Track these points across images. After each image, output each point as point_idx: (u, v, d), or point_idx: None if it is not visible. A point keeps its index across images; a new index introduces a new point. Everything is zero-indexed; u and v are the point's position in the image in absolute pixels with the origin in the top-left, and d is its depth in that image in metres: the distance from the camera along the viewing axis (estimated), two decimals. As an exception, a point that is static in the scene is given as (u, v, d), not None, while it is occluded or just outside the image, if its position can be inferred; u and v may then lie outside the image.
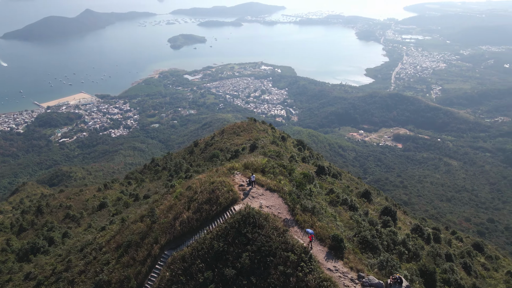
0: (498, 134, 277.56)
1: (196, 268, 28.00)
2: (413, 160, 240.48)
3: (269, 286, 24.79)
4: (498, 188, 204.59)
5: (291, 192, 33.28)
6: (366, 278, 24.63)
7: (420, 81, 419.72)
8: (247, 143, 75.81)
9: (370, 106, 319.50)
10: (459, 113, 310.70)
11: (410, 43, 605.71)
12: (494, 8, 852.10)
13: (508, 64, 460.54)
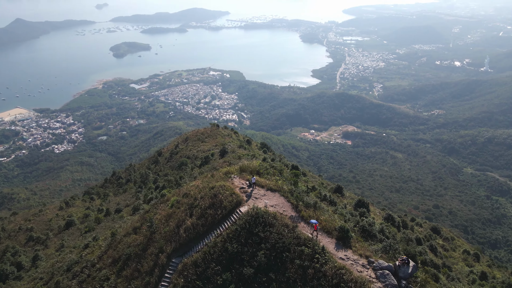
0: (435, 126, 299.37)
1: (212, 271, 28.70)
2: (363, 155, 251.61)
3: (288, 280, 25.84)
4: (439, 176, 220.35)
5: (291, 190, 34.89)
6: (376, 263, 26.23)
7: (363, 80, 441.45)
8: (215, 149, 75.88)
9: (319, 106, 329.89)
10: (400, 108, 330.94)
11: (351, 44, 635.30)
12: (423, 9, 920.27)
13: (439, 61, 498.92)
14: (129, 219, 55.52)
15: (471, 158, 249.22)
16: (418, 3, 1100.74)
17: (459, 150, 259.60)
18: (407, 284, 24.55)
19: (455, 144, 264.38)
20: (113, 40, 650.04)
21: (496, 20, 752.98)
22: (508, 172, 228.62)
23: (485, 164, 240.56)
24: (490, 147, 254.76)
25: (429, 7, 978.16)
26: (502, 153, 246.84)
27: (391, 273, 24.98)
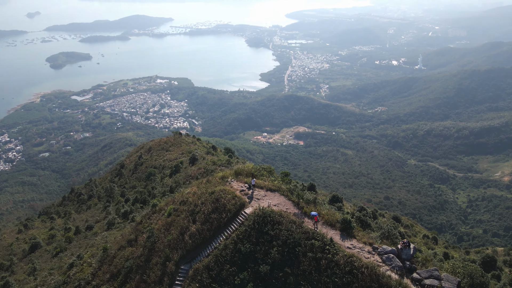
0: (380, 122, 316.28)
1: (227, 273, 29.50)
2: (315, 154, 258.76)
3: (304, 272, 27.28)
4: (387, 169, 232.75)
5: (291, 189, 36.53)
6: (381, 248, 28.33)
7: (310, 81, 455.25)
8: (182, 157, 74.69)
9: (269, 109, 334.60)
10: (347, 107, 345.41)
11: (296, 47, 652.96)
12: (360, 13, 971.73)
13: (378, 60, 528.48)
14: (111, 233, 52.97)
15: (413, 150, 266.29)
16: (355, 7, 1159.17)
17: (402, 143, 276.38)
18: (410, 264, 26.65)
19: (398, 138, 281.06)
20: (49, 50, 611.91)
21: (425, 21, 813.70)
22: (446, 161, 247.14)
23: (426, 155, 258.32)
24: (429, 139, 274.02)
25: (365, 10, 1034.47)
26: (440, 144, 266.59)
27: (395, 256, 27.17)
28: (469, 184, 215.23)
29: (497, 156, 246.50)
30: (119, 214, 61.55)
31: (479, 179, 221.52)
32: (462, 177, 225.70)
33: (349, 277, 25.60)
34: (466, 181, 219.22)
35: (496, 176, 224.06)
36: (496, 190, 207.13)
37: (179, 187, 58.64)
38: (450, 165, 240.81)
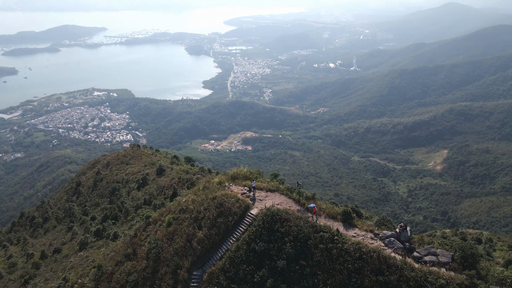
0: (323, 123, 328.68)
1: (244, 272, 30.52)
2: (264, 158, 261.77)
3: (318, 263, 29.09)
4: (333, 167, 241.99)
5: (289, 188, 38.43)
6: (382, 234, 30.97)
7: (253, 87, 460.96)
8: (146, 169, 72.61)
9: (215, 116, 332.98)
10: (291, 110, 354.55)
11: (237, 54, 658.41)
12: (296, 18, 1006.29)
13: (316, 63, 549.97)
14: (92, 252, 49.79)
15: (356, 147, 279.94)
16: (290, 13, 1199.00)
17: (345, 141, 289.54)
18: (409, 245, 29.43)
19: (341, 136, 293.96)
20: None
21: (356, 25, 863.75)
22: (385, 156, 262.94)
23: (367, 151, 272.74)
24: (369, 135, 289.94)
25: (300, 16, 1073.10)
26: (379, 139, 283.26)
27: (396, 239, 29.93)
28: (407, 175, 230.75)
29: (429, 148, 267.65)
30: (90, 233, 58.02)
31: (416, 169, 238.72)
32: (401, 169, 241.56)
33: (360, 262, 27.81)
34: (404, 173, 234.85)
35: (430, 166, 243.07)
36: (431, 178, 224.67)
37: (154, 199, 57.05)
38: (390, 159, 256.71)
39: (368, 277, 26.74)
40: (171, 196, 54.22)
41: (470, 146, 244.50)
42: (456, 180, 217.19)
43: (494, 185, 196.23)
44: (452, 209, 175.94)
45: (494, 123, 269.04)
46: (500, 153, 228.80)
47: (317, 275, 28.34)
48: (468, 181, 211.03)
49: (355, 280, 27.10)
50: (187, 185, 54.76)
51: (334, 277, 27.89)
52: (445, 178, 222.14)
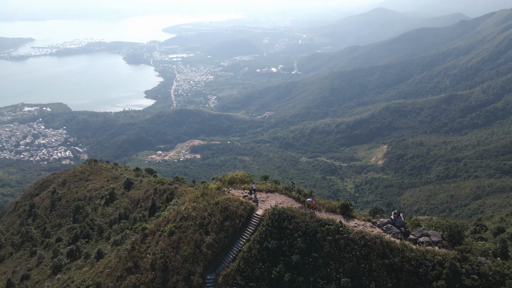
0: (270, 126, 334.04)
1: (260, 270, 31.90)
2: (214, 165, 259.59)
3: (329, 253, 31.05)
4: (283, 169, 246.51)
5: (287, 187, 40.29)
6: (379, 221, 33.61)
7: (197, 94, 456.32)
8: (110, 183, 69.75)
9: (160, 126, 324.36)
10: (237, 115, 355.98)
11: (178, 61, 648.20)
12: (235, 25, 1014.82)
13: (259, 68, 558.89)
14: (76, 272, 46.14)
15: (303, 148, 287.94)
16: (229, 19, 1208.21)
17: (293, 143, 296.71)
18: (404, 229, 32.36)
19: (288, 139, 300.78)
20: None
21: (294, 30, 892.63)
22: (332, 154, 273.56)
23: (314, 151, 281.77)
24: (314, 136, 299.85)
25: (239, 23, 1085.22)
26: (324, 139, 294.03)
27: (392, 225, 32.83)
28: (353, 172, 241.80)
29: (370, 144, 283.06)
30: (63, 255, 53.98)
31: (360, 166, 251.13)
32: (347, 166, 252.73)
33: (366, 249, 30.26)
34: (350, 170, 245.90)
35: (372, 161, 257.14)
36: (375, 173, 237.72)
37: (130, 213, 54.83)
38: (336, 157, 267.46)
39: (375, 261, 29.46)
40: (150, 208, 52.75)
41: (406, 140, 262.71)
42: (397, 172, 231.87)
43: (430, 174, 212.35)
44: (395, 200, 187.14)
45: (425, 117, 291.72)
46: (432, 145, 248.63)
47: (329, 265, 30.58)
48: (407, 173, 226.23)
49: (364, 265, 29.64)
50: (166, 196, 53.40)
51: (344, 265, 30.29)
52: (387, 172, 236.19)
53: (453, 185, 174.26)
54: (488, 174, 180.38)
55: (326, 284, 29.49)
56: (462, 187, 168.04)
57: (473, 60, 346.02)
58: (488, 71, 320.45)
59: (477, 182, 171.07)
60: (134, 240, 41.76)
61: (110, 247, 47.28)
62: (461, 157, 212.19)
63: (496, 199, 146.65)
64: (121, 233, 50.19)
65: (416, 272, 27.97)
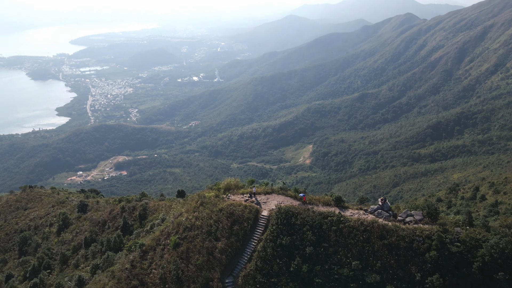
0: (197, 136, 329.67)
1: (279, 266, 33.78)
2: (143, 180, 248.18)
3: (337, 242, 33.76)
4: (216, 177, 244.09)
5: (282, 188, 42.38)
6: (370, 208, 36.76)
7: (117, 108, 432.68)
8: (56, 209, 64.92)
9: (79, 145, 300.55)
10: (162, 127, 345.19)
11: (92, 75, 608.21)
12: (151, 34, 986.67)
13: (180, 78, 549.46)
14: None
15: (233, 154, 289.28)
16: (144, 29, 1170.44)
17: (222, 150, 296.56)
18: (392, 212, 35.76)
19: (217, 146, 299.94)
20: None
21: (212, 38, 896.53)
22: (261, 158, 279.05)
23: (244, 157, 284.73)
24: (243, 142, 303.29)
25: (155, 32, 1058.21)
26: (253, 144, 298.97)
27: (382, 210, 36.10)
28: (283, 173, 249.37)
29: (297, 145, 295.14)
30: None
31: (289, 166, 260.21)
32: (277, 168, 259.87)
33: (366, 233, 33.27)
34: (280, 171, 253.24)
35: (300, 161, 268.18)
36: (304, 172, 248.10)
37: (98, 235, 51.85)
38: (265, 161, 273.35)
39: (376, 243, 32.74)
40: (122, 227, 50.13)
41: (329, 139, 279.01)
42: (324, 169, 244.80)
43: (353, 168, 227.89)
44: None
45: (343, 116, 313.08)
46: (352, 140, 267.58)
47: (339, 252, 33.35)
48: (333, 169, 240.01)
49: (367, 248, 32.81)
50: (138, 212, 51.14)
51: (351, 250, 33.20)
52: (315, 170, 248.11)
53: (375, 176, 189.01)
54: (402, 163, 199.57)
55: (339, 269, 32.35)
56: (382, 176, 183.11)
57: (378, 61, 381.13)
58: (391, 71, 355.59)
59: (394, 171, 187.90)
60: (132, 258, 40.27)
61: (90, 273, 44.26)
62: (378, 149, 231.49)
63: (411, 184, 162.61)
64: (96, 257, 47.16)
65: (411, 247, 31.70)
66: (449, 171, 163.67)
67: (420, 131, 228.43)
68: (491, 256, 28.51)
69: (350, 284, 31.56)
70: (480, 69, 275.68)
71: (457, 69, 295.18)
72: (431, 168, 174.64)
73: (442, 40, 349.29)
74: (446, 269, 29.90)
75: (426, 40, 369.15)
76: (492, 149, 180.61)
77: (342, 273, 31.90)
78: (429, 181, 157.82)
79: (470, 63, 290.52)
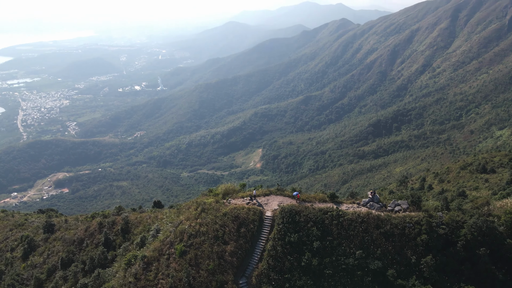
0: (143, 146, 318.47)
1: (290, 262, 35.27)
2: (88, 197, 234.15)
3: (339, 234, 35.90)
4: (166, 187, 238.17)
5: (278, 189, 44.05)
6: (362, 201, 39.58)
7: (53, 122, 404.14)
8: (16, 233, 61.17)
9: (11, 164, 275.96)
10: (105, 140, 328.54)
11: (21, 88, 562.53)
12: (86, 43, 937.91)
13: (121, 88, 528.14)
14: None
15: (182, 163, 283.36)
16: (78, 37, 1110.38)
17: (171, 160, 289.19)
18: (381, 203, 38.70)
19: (165, 156, 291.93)
20: None
21: (152, 46, 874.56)
22: (212, 165, 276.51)
23: (194, 165, 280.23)
24: (191, 150, 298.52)
25: (90, 41, 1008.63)
26: (202, 151, 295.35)
27: (372, 202, 38.93)
28: (235, 178, 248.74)
29: (246, 150, 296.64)
30: None
31: (241, 171, 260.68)
32: (228, 174, 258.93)
33: (364, 224, 35.79)
34: (232, 177, 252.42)
35: (251, 166, 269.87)
36: (255, 176, 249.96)
37: (75, 255, 49.42)
38: (216, 168, 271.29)
39: (374, 232, 35.36)
40: (103, 243, 47.74)
41: (277, 142, 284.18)
42: (275, 172, 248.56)
43: (303, 169, 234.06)
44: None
45: (289, 119, 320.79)
46: (300, 142, 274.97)
47: (342, 244, 35.42)
48: (283, 171, 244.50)
49: (367, 237, 35.26)
50: (121, 227, 48.65)
51: (353, 241, 35.47)
52: (266, 173, 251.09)
53: (324, 175, 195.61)
54: (349, 160, 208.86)
55: (345, 259, 34.53)
56: (332, 175, 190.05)
57: (319, 65, 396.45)
58: (332, 73, 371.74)
59: (342, 169, 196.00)
60: (135, 271, 38.99)
61: None
62: (325, 149, 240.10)
63: (359, 180, 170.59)
64: (78, 277, 44.67)
65: (403, 233, 34.74)
66: (392, 166, 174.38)
67: (362, 130, 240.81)
68: (472, 235, 32.15)
69: (357, 272, 33.89)
70: (410, 69, 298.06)
71: (391, 70, 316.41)
72: (376, 164, 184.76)
73: (375, 43, 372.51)
74: (436, 249, 33.04)
75: (361, 43, 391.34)
76: (427, 143, 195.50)
77: (348, 263, 34.26)
78: (374, 176, 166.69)
79: (402, 64, 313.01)
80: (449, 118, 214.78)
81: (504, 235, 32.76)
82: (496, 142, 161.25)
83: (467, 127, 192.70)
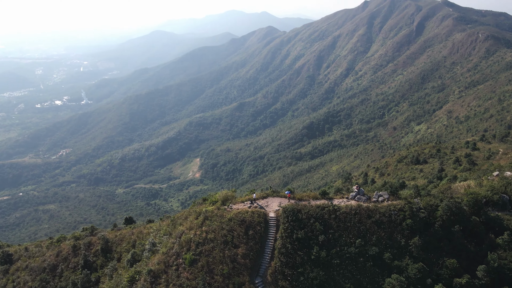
0: (71, 165, 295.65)
1: (301, 257, 37.22)
2: (9, 225, 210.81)
3: (338, 227, 38.49)
4: (101, 206, 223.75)
5: (274, 191, 46.23)
6: (350, 195, 42.60)
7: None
8: None
9: None
10: (25, 161, 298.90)
11: None
12: None
13: (39, 103, 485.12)
14: None
15: (116, 179, 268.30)
16: None
17: (103, 177, 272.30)
18: (367, 196, 42.10)
19: (97, 173, 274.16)
20: None
21: (72, 57, 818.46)
22: (149, 179, 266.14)
23: (129, 180, 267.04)
24: (125, 164, 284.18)
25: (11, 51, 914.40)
26: (137, 165, 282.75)
27: (359, 195, 42.09)
28: (175, 190, 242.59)
29: (183, 160, 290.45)
30: None
31: (180, 183, 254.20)
32: (167, 186, 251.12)
33: (357, 216, 38.69)
34: (171, 189, 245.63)
35: (190, 176, 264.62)
36: (195, 186, 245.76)
37: (50, 282, 47.98)
38: (153, 181, 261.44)
39: (367, 222, 38.44)
40: (83, 266, 46.32)
41: (215, 150, 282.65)
42: (215, 181, 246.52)
43: (243, 175, 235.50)
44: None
45: (225, 126, 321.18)
46: (238, 149, 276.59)
47: (343, 236, 38.04)
48: (224, 178, 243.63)
49: (362, 227, 38.16)
50: (100, 247, 47.41)
51: (351, 232, 38.17)
52: (206, 182, 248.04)
53: (265, 179, 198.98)
54: (287, 163, 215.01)
55: (348, 248, 37.31)
56: (273, 178, 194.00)
57: (250, 71, 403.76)
58: (263, 79, 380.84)
59: (282, 171, 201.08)
60: (141, 287, 39.05)
61: None
62: (263, 154, 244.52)
63: (299, 181, 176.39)
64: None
65: (391, 220, 38.36)
66: (328, 165, 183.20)
67: (297, 132, 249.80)
68: (446, 215, 37.09)
69: (359, 259, 36.96)
70: (335, 73, 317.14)
71: (318, 74, 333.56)
72: (313, 164, 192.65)
73: (302, 49, 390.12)
74: (419, 231, 37.27)
75: (289, 50, 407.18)
76: (357, 141, 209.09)
77: (351, 252, 37.08)
78: (313, 176, 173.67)
79: (328, 69, 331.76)
80: (374, 117, 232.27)
81: (469, 213, 37.97)
82: (416, 136, 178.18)
83: (390, 124, 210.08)
